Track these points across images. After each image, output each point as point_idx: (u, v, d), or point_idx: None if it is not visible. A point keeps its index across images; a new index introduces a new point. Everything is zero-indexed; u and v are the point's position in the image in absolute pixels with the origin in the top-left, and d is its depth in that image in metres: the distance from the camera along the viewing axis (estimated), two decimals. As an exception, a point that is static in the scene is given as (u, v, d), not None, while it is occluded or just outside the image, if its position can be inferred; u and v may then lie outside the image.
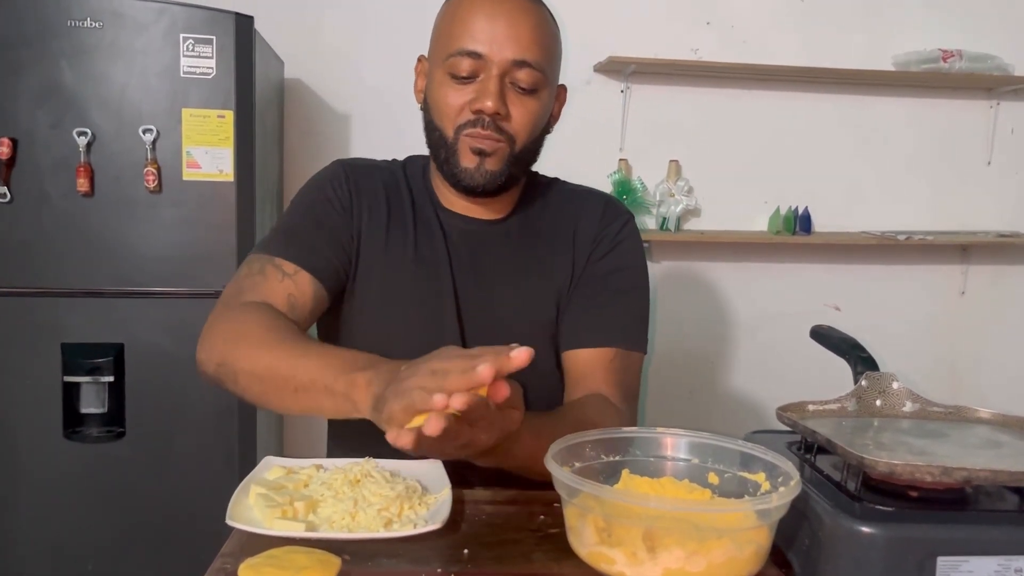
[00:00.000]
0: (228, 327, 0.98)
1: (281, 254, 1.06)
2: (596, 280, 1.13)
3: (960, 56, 2.69)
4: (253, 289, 1.03)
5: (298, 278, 1.04)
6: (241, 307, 1.00)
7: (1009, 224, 2.93)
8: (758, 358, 2.87)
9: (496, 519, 0.87)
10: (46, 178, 1.89)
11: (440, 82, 1.05)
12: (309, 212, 1.11)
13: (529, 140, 1.07)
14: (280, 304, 1.02)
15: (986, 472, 0.76)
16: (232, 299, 1.02)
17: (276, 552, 0.75)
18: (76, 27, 1.87)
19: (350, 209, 1.11)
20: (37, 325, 1.93)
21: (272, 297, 1.02)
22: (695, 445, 0.89)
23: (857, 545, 0.75)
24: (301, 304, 1.04)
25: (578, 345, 1.10)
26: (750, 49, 2.75)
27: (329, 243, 1.08)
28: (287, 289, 1.03)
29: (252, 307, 0.99)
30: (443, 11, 1.08)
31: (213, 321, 1.00)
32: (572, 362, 1.11)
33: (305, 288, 1.05)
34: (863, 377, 1.00)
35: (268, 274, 1.04)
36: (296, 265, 1.05)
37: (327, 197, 1.11)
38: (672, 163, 2.76)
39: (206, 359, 0.98)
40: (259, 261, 1.06)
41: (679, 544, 0.72)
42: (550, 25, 1.07)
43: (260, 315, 0.97)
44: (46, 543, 1.96)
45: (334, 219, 1.10)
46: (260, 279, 1.04)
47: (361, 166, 1.16)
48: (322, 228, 1.09)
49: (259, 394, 0.93)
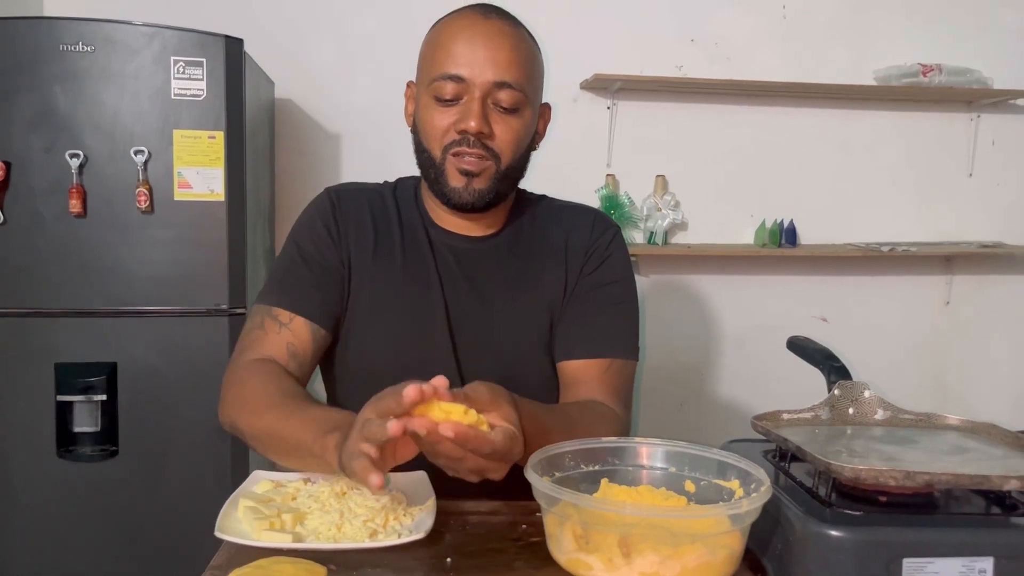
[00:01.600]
0: (234, 391, 1.05)
1: (276, 303, 1.12)
2: (588, 292, 1.17)
3: (940, 70, 2.74)
4: (254, 345, 1.10)
5: (294, 325, 1.10)
6: (246, 367, 1.07)
7: (992, 235, 2.97)
8: (746, 369, 2.90)
9: (479, 529, 0.90)
10: (39, 200, 1.92)
11: (426, 105, 1.09)
12: (299, 253, 1.15)
13: (514, 157, 1.11)
14: (281, 356, 1.09)
15: (948, 476, 0.78)
16: (239, 357, 1.10)
17: (263, 562, 0.77)
18: (68, 51, 1.90)
19: (338, 238, 1.15)
20: (31, 345, 1.95)
21: (273, 350, 1.09)
22: (672, 454, 0.92)
23: (827, 548, 0.78)
24: (301, 351, 1.10)
25: (573, 355, 1.14)
26: (734, 65, 2.80)
27: (321, 282, 1.13)
28: (285, 339, 1.09)
29: (254, 367, 1.06)
30: (427, 38, 1.13)
31: (225, 382, 1.08)
32: (568, 371, 1.15)
33: (303, 334, 1.10)
34: (836, 386, 1.03)
35: (267, 327, 1.10)
36: (291, 312, 1.10)
37: (315, 231, 1.16)
38: (659, 178, 2.79)
39: (223, 420, 1.07)
40: (259, 313, 1.12)
41: (653, 549, 0.74)
42: (529, 46, 1.11)
43: (259, 378, 1.04)
44: (40, 561, 1.97)
45: (324, 253, 1.14)
46: (260, 333, 1.10)
47: (348, 191, 1.20)
48: (312, 267, 1.13)
49: (265, 454, 1.02)
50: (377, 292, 1.14)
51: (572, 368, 1.14)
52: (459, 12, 1.11)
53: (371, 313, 1.14)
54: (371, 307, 1.14)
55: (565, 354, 1.15)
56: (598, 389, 1.11)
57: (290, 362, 1.09)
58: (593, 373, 1.13)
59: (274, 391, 1.01)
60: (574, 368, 1.14)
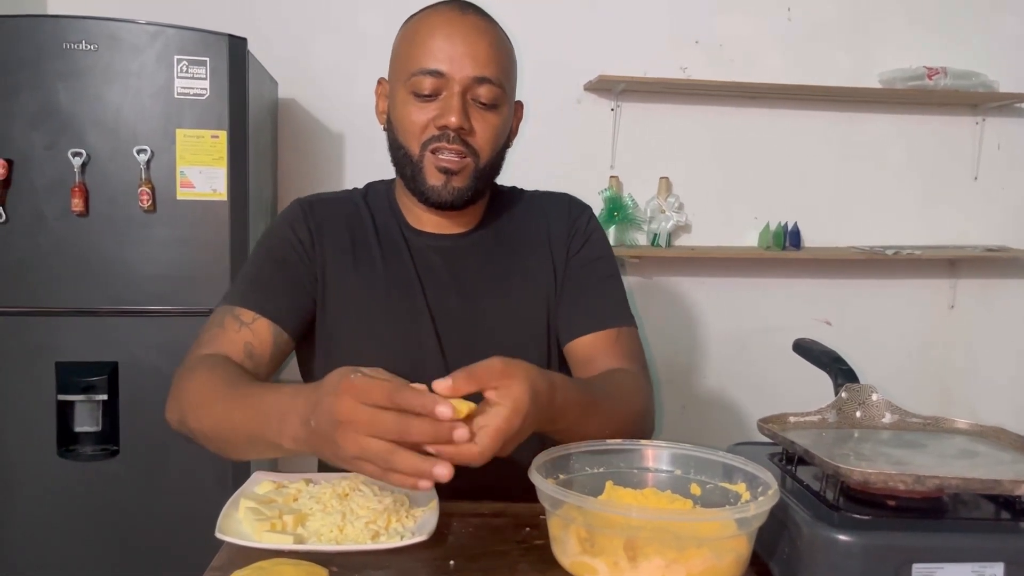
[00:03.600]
0: (181, 386, 1.00)
1: (239, 303, 1.09)
2: (580, 270, 1.18)
3: (945, 73, 2.73)
4: (210, 342, 1.06)
5: (256, 326, 1.07)
6: (196, 363, 1.02)
7: (997, 239, 2.96)
8: (750, 372, 2.89)
9: (482, 531, 0.89)
10: (41, 198, 1.91)
11: (403, 101, 1.09)
12: (268, 257, 1.14)
13: (492, 154, 1.11)
14: (236, 354, 1.05)
15: (958, 480, 0.77)
16: (191, 354, 1.06)
17: (265, 564, 0.76)
18: (71, 50, 1.90)
19: (311, 247, 1.14)
20: (32, 344, 1.94)
21: (228, 348, 1.05)
22: (678, 457, 0.91)
23: (834, 553, 0.77)
24: (259, 352, 1.07)
25: (581, 332, 1.14)
26: (738, 67, 2.79)
27: (289, 286, 1.11)
28: (244, 338, 1.06)
29: (203, 363, 1.01)
30: (402, 32, 1.13)
31: (175, 378, 1.03)
32: (579, 349, 1.14)
33: (263, 335, 1.07)
34: (843, 389, 1.02)
35: (226, 325, 1.07)
36: (254, 312, 1.08)
37: (286, 239, 1.14)
38: (662, 180, 2.78)
39: (170, 418, 1.02)
40: (220, 313, 1.09)
41: (659, 553, 0.73)
42: (505, 43, 1.12)
43: (207, 372, 0.99)
44: (40, 560, 1.96)
45: (293, 260, 1.13)
46: (218, 331, 1.07)
47: (319, 201, 1.20)
48: (280, 271, 1.12)
49: (216, 450, 0.97)
50: (360, 302, 1.13)
51: (583, 345, 1.14)
52: (435, 8, 1.11)
53: (357, 323, 1.13)
54: (356, 317, 1.13)
55: (572, 334, 1.15)
56: (614, 357, 1.12)
57: (246, 361, 1.05)
58: (605, 344, 1.13)
59: (222, 381, 0.96)
60: (585, 344, 1.14)
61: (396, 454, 0.73)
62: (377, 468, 0.74)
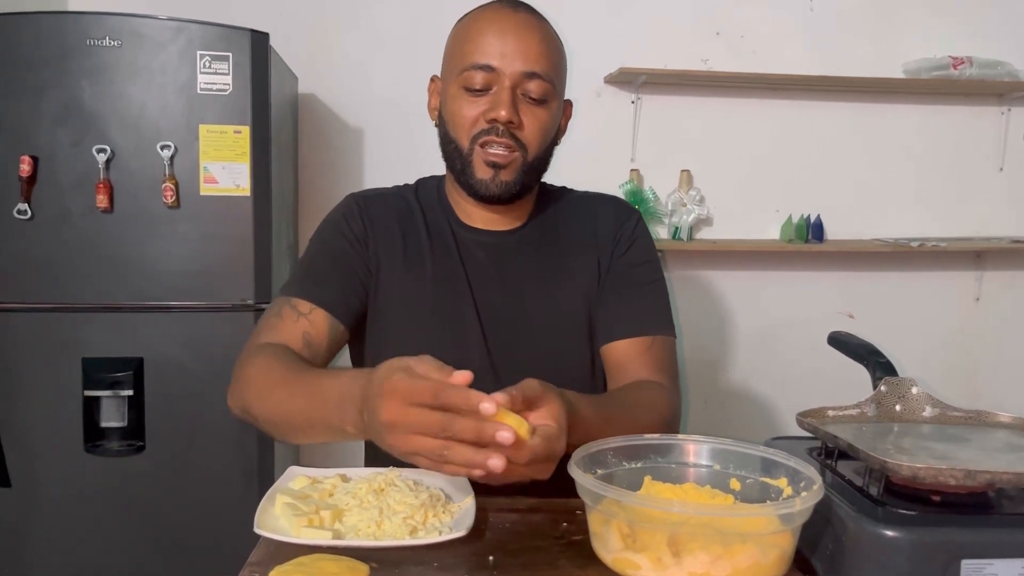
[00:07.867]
0: (244, 372, 1.03)
1: (297, 294, 1.11)
2: (622, 274, 1.18)
3: (970, 63, 2.69)
4: (270, 331, 1.09)
5: (313, 316, 1.09)
6: (256, 351, 1.05)
7: (1023, 229, 2.92)
8: (771, 366, 2.86)
9: (520, 527, 0.88)
10: (66, 195, 1.92)
11: (455, 96, 1.10)
12: (324, 250, 1.16)
13: (540, 149, 1.12)
14: (296, 343, 1.07)
15: (1010, 475, 0.76)
16: (250, 343, 1.08)
17: (305, 560, 0.76)
18: (95, 46, 1.90)
19: (365, 241, 1.16)
20: (58, 340, 1.95)
21: (287, 338, 1.08)
22: (716, 451, 0.90)
23: (881, 549, 0.75)
24: (317, 341, 1.09)
25: (616, 337, 1.15)
26: (760, 58, 2.76)
27: (344, 278, 1.13)
28: (302, 328, 1.09)
29: (265, 351, 1.04)
30: (455, 31, 1.14)
31: (237, 367, 1.05)
32: (612, 354, 1.15)
33: (320, 325, 1.10)
34: (882, 382, 1.00)
35: (285, 315, 1.10)
36: (311, 303, 1.10)
37: (341, 233, 1.16)
38: (683, 173, 2.76)
39: (232, 405, 1.04)
40: (278, 303, 1.12)
41: (704, 549, 0.72)
42: (556, 40, 1.13)
43: (269, 359, 1.02)
44: (67, 556, 1.98)
45: (349, 254, 1.15)
46: (277, 321, 1.10)
47: (372, 196, 1.21)
48: (337, 264, 1.14)
49: (280, 435, 1.00)
50: (408, 296, 1.14)
51: (616, 350, 1.14)
52: (487, 5, 1.13)
53: (404, 317, 1.14)
54: (404, 311, 1.14)
55: (607, 337, 1.15)
56: (645, 367, 1.12)
57: (304, 350, 1.07)
58: (638, 352, 1.13)
59: (283, 368, 0.99)
60: (618, 350, 1.14)
61: (449, 448, 0.75)
62: (431, 461, 0.76)
